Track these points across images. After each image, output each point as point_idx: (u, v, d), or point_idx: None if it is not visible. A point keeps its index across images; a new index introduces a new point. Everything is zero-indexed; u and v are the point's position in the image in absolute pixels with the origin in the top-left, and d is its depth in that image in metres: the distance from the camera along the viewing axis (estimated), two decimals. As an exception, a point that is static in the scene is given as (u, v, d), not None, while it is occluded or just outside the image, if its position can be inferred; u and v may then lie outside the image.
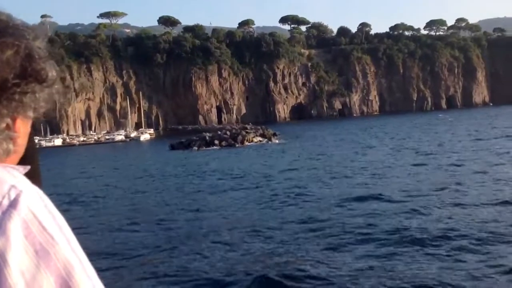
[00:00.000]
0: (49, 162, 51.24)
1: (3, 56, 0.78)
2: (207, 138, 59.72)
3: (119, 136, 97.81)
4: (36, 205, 0.76)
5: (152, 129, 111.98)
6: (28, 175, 0.82)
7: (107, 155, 59.90)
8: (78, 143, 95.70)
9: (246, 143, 58.54)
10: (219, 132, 63.13)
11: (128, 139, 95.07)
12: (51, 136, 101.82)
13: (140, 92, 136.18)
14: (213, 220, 17.02)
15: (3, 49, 0.78)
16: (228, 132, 61.86)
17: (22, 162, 0.85)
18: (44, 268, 0.72)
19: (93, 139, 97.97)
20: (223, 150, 53.46)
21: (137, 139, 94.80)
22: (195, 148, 56.06)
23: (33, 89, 0.82)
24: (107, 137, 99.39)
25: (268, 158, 40.18)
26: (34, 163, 0.95)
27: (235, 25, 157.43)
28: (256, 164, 35.27)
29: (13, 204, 0.74)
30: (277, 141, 60.69)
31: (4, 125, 0.81)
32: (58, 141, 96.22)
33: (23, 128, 0.87)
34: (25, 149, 0.90)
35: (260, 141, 60.24)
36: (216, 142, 58.07)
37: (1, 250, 0.70)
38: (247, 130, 62.71)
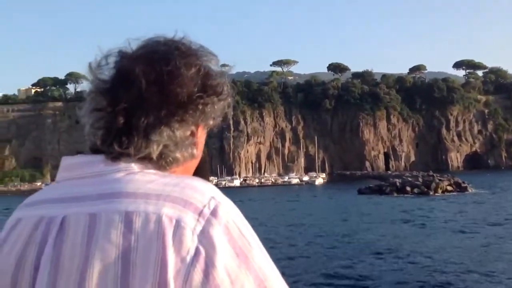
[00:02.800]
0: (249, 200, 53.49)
1: (188, 73, 0.92)
2: (398, 184, 58.16)
3: (295, 179, 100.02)
4: (234, 214, 0.86)
5: (324, 174, 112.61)
6: None
7: (300, 198, 61.08)
8: (257, 184, 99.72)
9: (439, 192, 55.81)
10: (410, 179, 61.21)
11: (303, 183, 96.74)
12: (231, 177, 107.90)
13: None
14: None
15: (188, 68, 0.92)
16: (420, 179, 59.68)
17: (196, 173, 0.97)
18: (244, 269, 0.81)
19: (270, 181, 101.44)
20: (419, 198, 51.42)
21: (312, 183, 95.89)
22: (394, 194, 54.77)
23: (212, 101, 0.95)
24: (282, 180, 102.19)
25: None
26: (206, 173, 1.06)
27: (406, 71, 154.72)
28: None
29: (213, 213, 0.84)
30: (473, 191, 56.91)
31: (189, 132, 0.95)
32: (237, 182, 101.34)
33: (202, 136, 1.00)
34: (200, 167, 1.02)
35: (454, 190, 56.99)
36: (408, 188, 56.21)
37: (208, 253, 0.80)
38: (439, 178, 59.90)
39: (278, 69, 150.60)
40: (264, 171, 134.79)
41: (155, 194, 0.84)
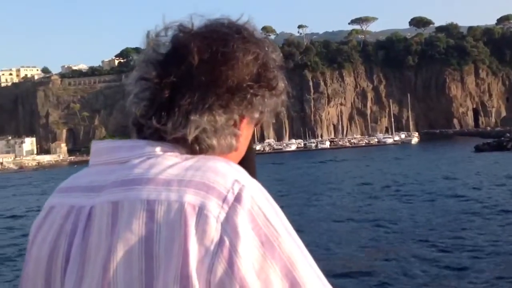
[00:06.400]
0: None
1: (244, 60, 0.87)
2: (521, 139, 55.74)
3: (389, 139, 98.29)
4: (259, 198, 0.80)
5: (416, 133, 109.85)
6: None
7: (417, 157, 59.77)
8: (350, 145, 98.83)
9: None
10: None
11: (399, 142, 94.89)
12: (319, 139, 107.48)
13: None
14: None
15: (245, 54, 0.87)
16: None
17: (240, 164, 0.91)
18: (270, 259, 0.76)
19: (363, 142, 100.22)
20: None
21: (407, 142, 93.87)
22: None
23: (263, 93, 0.89)
24: (376, 140, 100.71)
25: None
26: (252, 164, 1.01)
27: (493, 22, 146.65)
28: None
29: (237, 198, 0.78)
30: None
31: (232, 121, 0.88)
32: (327, 144, 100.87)
33: (246, 130, 0.94)
34: (244, 162, 0.96)
35: None
36: (534, 143, 53.82)
37: (232, 242, 0.75)
38: None
39: (357, 27, 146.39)
40: (347, 132, 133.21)
41: (176, 179, 0.80)
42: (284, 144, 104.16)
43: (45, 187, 45.53)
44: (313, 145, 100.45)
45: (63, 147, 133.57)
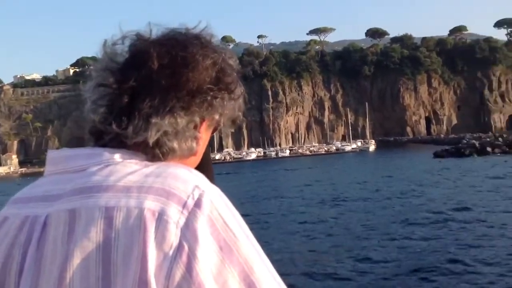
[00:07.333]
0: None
1: (203, 63, 0.89)
2: (477, 145, 57.38)
3: (348, 147, 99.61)
4: (219, 204, 0.80)
5: (373, 141, 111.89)
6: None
7: (381, 164, 60.50)
8: (309, 153, 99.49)
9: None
10: (488, 139, 60.38)
11: (357, 149, 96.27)
12: (279, 148, 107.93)
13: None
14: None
15: (204, 58, 0.89)
16: (500, 139, 58.91)
17: (198, 169, 0.90)
18: (228, 263, 0.76)
19: (323, 150, 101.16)
20: (506, 157, 50.62)
21: (365, 149, 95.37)
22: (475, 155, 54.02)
23: (223, 96, 0.91)
24: (334, 147, 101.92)
25: None
26: (210, 171, 1.01)
27: (446, 33, 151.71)
28: None
29: (197, 203, 0.78)
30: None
31: (193, 124, 0.89)
32: (287, 152, 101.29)
33: (205, 134, 0.95)
34: (202, 165, 0.97)
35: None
36: (489, 149, 55.47)
37: (191, 247, 0.74)
38: (519, 137, 59.24)
39: (315, 37, 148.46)
40: (304, 140, 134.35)
41: (136, 186, 0.79)
42: (244, 153, 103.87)
43: None
44: (273, 153, 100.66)
45: (14, 158, 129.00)
